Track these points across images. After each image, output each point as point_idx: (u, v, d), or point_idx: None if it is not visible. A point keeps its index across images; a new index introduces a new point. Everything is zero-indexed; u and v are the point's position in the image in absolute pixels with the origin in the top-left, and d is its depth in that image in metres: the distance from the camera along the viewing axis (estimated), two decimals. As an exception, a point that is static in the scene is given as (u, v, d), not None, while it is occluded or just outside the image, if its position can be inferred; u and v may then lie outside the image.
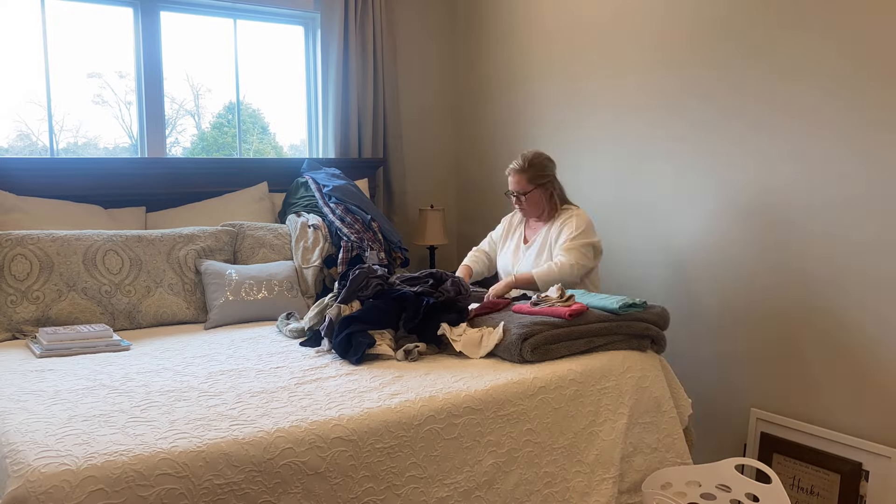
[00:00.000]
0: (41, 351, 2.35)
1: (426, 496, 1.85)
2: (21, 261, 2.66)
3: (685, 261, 3.08)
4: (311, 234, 3.26)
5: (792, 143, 2.66)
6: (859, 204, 2.48)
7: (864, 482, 2.48)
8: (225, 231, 3.13)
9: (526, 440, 2.05)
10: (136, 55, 3.51)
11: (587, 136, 3.52)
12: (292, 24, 3.98)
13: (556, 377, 2.17)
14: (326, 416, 1.78)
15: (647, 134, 3.21)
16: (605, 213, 3.42)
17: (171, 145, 3.72)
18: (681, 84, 3.04)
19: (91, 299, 2.71)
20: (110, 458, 1.51)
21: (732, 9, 2.82)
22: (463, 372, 2.16)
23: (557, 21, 3.64)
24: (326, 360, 2.28)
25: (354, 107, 3.93)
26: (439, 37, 4.36)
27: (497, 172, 4.10)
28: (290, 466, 1.65)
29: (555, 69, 3.67)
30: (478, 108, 4.23)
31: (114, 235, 2.87)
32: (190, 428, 1.68)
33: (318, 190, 3.43)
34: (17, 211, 2.94)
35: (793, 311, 2.70)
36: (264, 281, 2.94)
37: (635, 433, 2.30)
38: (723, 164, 2.90)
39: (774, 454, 2.74)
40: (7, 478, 1.47)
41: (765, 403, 2.82)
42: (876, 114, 2.41)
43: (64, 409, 1.79)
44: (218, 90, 3.81)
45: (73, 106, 3.43)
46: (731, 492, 2.28)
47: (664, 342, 2.48)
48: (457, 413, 1.93)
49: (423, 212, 4.05)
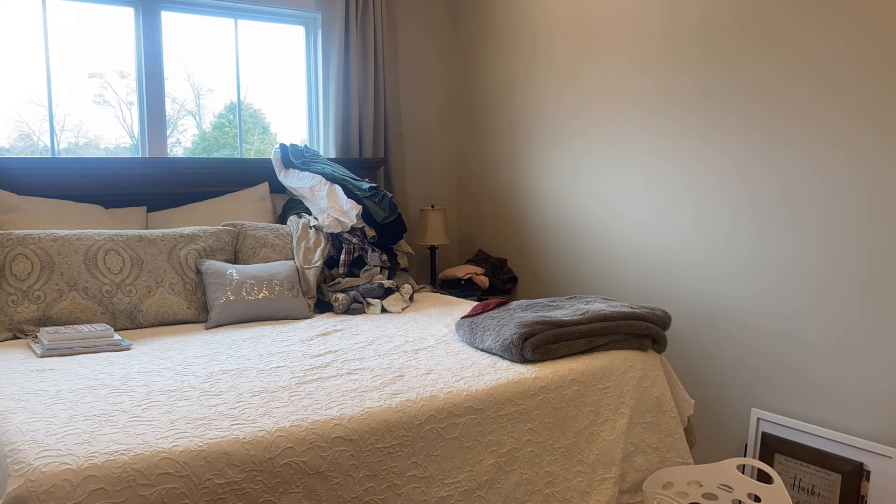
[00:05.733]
0: (42, 350, 2.35)
1: (427, 496, 1.85)
2: (22, 260, 2.66)
3: (685, 260, 3.08)
4: (312, 234, 3.26)
5: (793, 144, 2.66)
6: (858, 205, 2.48)
7: (866, 482, 2.48)
8: (226, 231, 3.13)
9: (527, 440, 2.05)
10: (137, 55, 3.51)
11: (588, 136, 3.52)
12: (293, 24, 3.98)
13: (557, 377, 2.17)
14: (327, 416, 1.78)
15: (648, 134, 3.21)
16: (605, 213, 3.42)
17: (173, 145, 3.72)
18: (683, 86, 3.04)
19: (92, 299, 2.71)
20: (111, 457, 1.51)
21: (743, 6, 2.82)
22: (464, 371, 2.16)
23: (559, 19, 3.64)
24: (327, 359, 2.29)
25: (355, 106, 3.93)
26: (440, 37, 4.36)
27: (498, 172, 4.10)
28: (290, 466, 1.65)
29: (556, 67, 3.67)
30: (478, 108, 4.23)
31: (115, 235, 2.88)
32: (191, 427, 1.68)
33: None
34: (18, 210, 2.94)
35: (793, 311, 2.70)
36: (265, 281, 2.94)
37: (636, 433, 2.30)
38: (724, 164, 2.90)
39: (776, 454, 2.74)
40: (8, 477, 1.47)
41: (766, 403, 2.82)
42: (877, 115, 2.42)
43: (65, 408, 1.79)
44: (219, 90, 3.81)
45: (75, 106, 3.43)
46: (732, 492, 2.28)
47: (665, 342, 2.48)
48: (458, 413, 1.93)
49: (424, 211, 4.05)
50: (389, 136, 4.09)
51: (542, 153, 3.79)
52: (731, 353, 2.93)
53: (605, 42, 3.39)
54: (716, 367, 2.99)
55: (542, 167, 3.80)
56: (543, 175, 3.79)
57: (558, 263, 3.74)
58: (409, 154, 4.26)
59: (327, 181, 3.39)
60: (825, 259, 2.59)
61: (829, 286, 2.59)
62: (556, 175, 3.72)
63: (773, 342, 2.78)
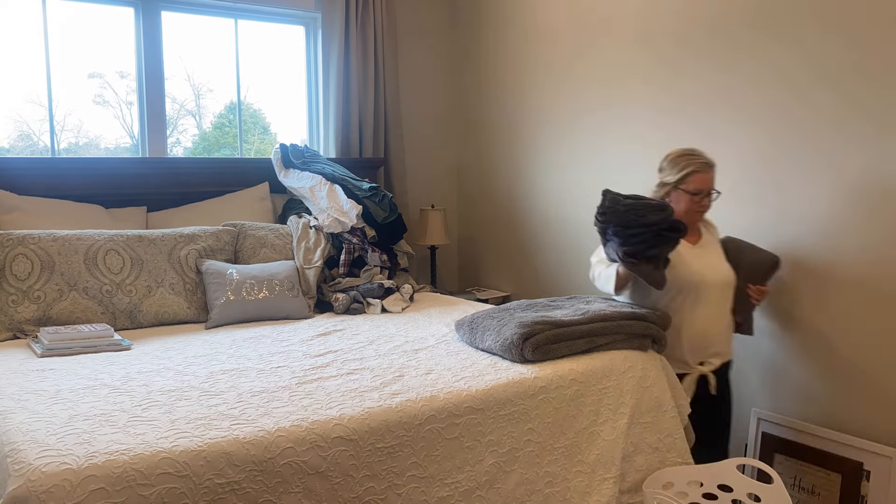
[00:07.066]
0: (42, 350, 2.35)
1: (427, 496, 1.85)
2: (22, 260, 2.66)
3: (686, 260, 3.08)
4: (312, 234, 3.26)
5: (795, 144, 2.66)
6: (858, 205, 2.48)
7: (866, 482, 2.48)
8: (226, 231, 3.13)
9: (527, 440, 2.05)
10: (137, 55, 3.51)
11: (588, 136, 3.52)
12: (293, 24, 3.98)
13: (557, 377, 2.17)
14: (327, 416, 1.78)
15: (649, 134, 3.21)
16: (606, 212, 3.42)
17: (173, 145, 3.72)
18: (684, 85, 3.04)
19: (92, 299, 2.71)
20: (111, 457, 1.51)
21: (743, 6, 2.82)
22: (464, 371, 2.16)
23: (559, 19, 3.64)
24: (328, 359, 2.29)
25: (355, 106, 3.93)
26: (440, 36, 4.36)
27: (498, 172, 4.10)
28: (290, 466, 1.65)
29: (556, 67, 3.67)
30: (479, 108, 4.23)
31: (115, 235, 2.88)
32: (191, 427, 1.68)
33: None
34: (18, 210, 2.94)
35: (793, 311, 2.70)
36: (265, 281, 2.94)
37: (636, 433, 2.30)
38: (726, 164, 2.90)
39: (775, 454, 2.74)
40: (8, 477, 1.47)
41: (766, 403, 2.82)
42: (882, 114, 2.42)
43: (65, 408, 1.79)
44: (219, 90, 3.81)
45: (75, 106, 3.43)
46: (732, 492, 2.28)
47: (665, 342, 2.48)
48: (458, 413, 1.93)
49: (424, 211, 4.05)
50: (389, 136, 4.09)
51: (543, 153, 3.79)
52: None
53: (606, 42, 3.39)
54: (716, 367, 2.98)
55: (542, 167, 3.80)
56: (544, 175, 3.79)
57: (558, 263, 3.74)
58: (409, 154, 4.26)
59: (327, 181, 3.39)
60: (824, 257, 2.59)
61: (828, 285, 2.59)
62: (556, 175, 3.71)
63: (773, 342, 2.77)
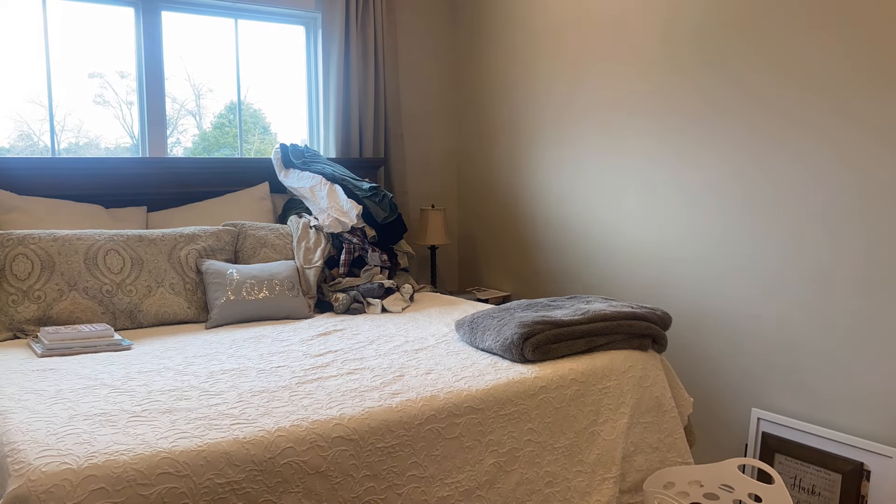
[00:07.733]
0: (42, 350, 2.35)
1: (427, 495, 1.85)
2: (22, 260, 2.66)
3: (686, 261, 3.08)
4: (312, 234, 3.26)
5: (789, 146, 2.66)
6: (857, 204, 2.48)
7: (866, 482, 2.48)
8: (226, 231, 3.13)
9: (527, 440, 2.05)
10: (138, 55, 3.51)
11: (589, 137, 3.52)
12: (293, 23, 3.98)
13: (558, 377, 2.17)
14: (327, 416, 1.78)
15: (649, 133, 3.21)
16: (606, 213, 3.42)
17: (173, 145, 3.72)
18: (684, 83, 3.04)
19: (92, 299, 2.71)
20: (111, 457, 1.51)
21: (742, 8, 2.82)
22: (464, 371, 2.16)
23: (559, 19, 3.64)
24: (328, 359, 2.28)
25: (355, 106, 3.93)
26: (440, 36, 4.36)
27: (498, 172, 4.10)
28: (291, 466, 1.65)
29: (556, 68, 3.67)
30: (479, 108, 4.23)
31: (115, 235, 2.88)
32: (191, 427, 1.68)
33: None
34: (18, 210, 2.94)
35: (793, 311, 2.70)
36: (265, 281, 2.94)
37: (636, 433, 2.30)
38: (724, 165, 2.90)
39: (776, 454, 2.74)
40: (8, 477, 1.47)
41: (766, 403, 2.82)
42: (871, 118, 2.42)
43: (65, 408, 1.79)
44: (219, 90, 3.81)
45: (75, 106, 3.43)
46: (733, 492, 2.28)
47: (665, 342, 2.48)
48: (458, 412, 1.93)
49: (425, 211, 4.05)
50: (389, 136, 4.09)
51: (543, 153, 3.79)
52: (731, 353, 2.93)
53: (606, 42, 3.39)
54: (716, 367, 2.98)
55: (542, 167, 3.80)
56: (544, 175, 3.79)
57: (558, 263, 3.74)
58: (410, 154, 4.26)
59: (327, 181, 3.39)
60: (824, 259, 2.59)
61: (828, 286, 2.59)
62: (556, 175, 3.72)
63: (774, 342, 2.77)
